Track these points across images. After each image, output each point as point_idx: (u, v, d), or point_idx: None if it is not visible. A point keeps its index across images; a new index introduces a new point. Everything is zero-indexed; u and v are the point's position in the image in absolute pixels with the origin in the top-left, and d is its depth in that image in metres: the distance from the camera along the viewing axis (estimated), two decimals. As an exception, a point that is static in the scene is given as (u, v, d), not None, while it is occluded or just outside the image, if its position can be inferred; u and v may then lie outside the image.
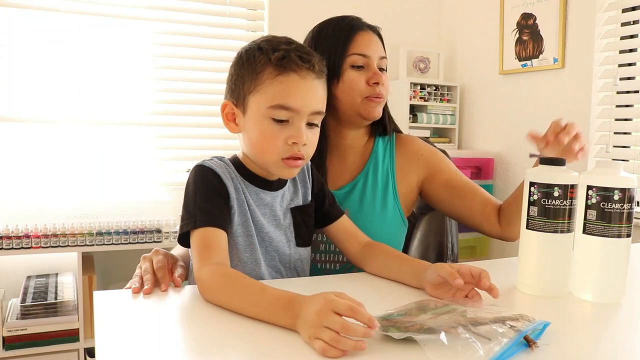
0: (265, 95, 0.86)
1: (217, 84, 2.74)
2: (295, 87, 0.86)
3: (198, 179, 0.89)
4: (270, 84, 0.86)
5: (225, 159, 0.96)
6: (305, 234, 1.01)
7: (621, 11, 2.27)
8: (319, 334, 0.61)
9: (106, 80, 2.51)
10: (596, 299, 0.85)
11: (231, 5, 2.74)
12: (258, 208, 0.94)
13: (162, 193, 2.57)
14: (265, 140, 0.87)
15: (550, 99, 2.56)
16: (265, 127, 0.87)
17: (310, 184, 1.03)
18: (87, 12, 2.45)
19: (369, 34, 1.19)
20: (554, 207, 0.84)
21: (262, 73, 0.86)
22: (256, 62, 0.87)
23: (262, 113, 0.87)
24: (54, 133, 2.45)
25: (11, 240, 2.13)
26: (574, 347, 0.69)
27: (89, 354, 2.19)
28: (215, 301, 0.77)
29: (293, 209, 0.99)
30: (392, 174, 1.22)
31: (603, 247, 0.84)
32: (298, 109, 0.86)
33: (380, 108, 1.19)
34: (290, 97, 0.85)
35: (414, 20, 3.14)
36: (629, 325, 0.79)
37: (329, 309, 0.61)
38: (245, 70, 0.89)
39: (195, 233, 0.85)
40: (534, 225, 0.86)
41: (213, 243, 0.83)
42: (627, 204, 0.82)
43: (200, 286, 0.80)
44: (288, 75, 0.86)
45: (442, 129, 3.11)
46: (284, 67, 0.85)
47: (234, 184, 0.91)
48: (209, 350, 0.65)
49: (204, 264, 0.80)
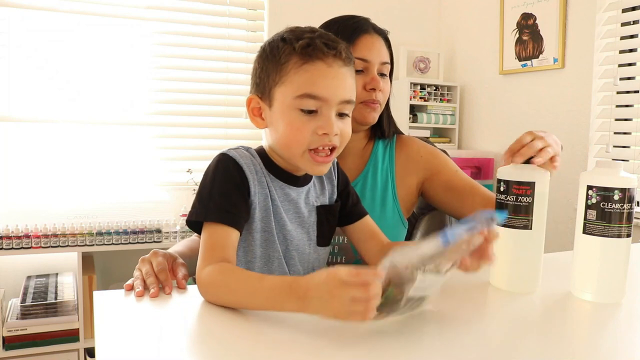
0: (291, 86, 0.82)
1: (217, 84, 2.74)
2: (322, 75, 0.82)
3: (219, 168, 0.86)
4: (296, 73, 0.82)
5: (251, 150, 0.92)
6: (327, 233, 0.98)
7: (621, 11, 2.27)
8: (348, 308, 0.62)
9: (106, 80, 2.52)
10: (596, 299, 0.85)
11: (231, 5, 2.74)
12: (282, 204, 0.91)
13: (162, 193, 2.57)
14: (292, 131, 0.83)
15: (550, 99, 2.56)
16: (292, 118, 0.83)
17: (336, 181, 1.01)
18: (87, 12, 2.46)
19: (373, 38, 1.17)
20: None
21: (287, 63, 0.83)
22: (280, 53, 0.84)
23: (288, 104, 0.83)
24: (54, 133, 2.46)
25: (11, 240, 2.13)
26: (573, 346, 0.69)
27: (89, 354, 2.19)
28: (216, 300, 0.77)
29: (319, 208, 0.96)
30: (391, 176, 1.22)
31: (603, 247, 0.83)
32: (326, 97, 0.82)
33: (376, 114, 1.19)
34: (317, 85, 0.82)
35: (414, 20, 3.14)
36: (629, 325, 0.79)
37: (340, 284, 0.62)
38: (270, 62, 0.85)
39: (205, 228, 0.83)
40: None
41: (220, 242, 0.81)
42: (627, 204, 0.82)
43: (199, 288, 0.79)
44: (314, 64, 0.82)
45: (442, 129, 3.11)
46: (309, 55, 0.82)
47: (257, 177, 0.88)
48: (209, 350, 0.65)
49: (205, 265, 0.79)
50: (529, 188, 0.86)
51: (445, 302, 0.81)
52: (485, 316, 0.81)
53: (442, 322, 0.75)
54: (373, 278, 0.61)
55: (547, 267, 1.01)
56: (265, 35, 2.81)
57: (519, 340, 0.70)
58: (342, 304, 0.62)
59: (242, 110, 2.77)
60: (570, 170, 2.45)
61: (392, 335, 0.68)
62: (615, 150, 2.31)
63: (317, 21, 1.26)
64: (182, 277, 0.87)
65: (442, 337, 0.70)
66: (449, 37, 3.19)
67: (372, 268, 0.63)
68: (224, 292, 0.76)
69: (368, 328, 0.69)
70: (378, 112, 1.19)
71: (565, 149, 2.48)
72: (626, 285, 0.86)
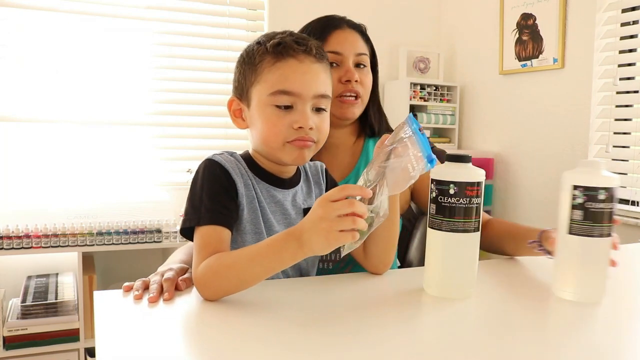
0: (266, 84, 0.86)
1: (217, 84, 2.74)
2: (294, 71, 0.86)
3: (206, 174, 0.88)
4: (269, 71, 0.86)
5: (236, 155, 0.94)
6: None
7: (621, 11, 2.27)
8: (337, 226, 0.67)
9: (106, 80, 2.52)
10: (577, 299, 0.84)
11: (231, 5, 2.74)
12: (268, 205, 0.93)
13: (162, 193, 2.57)
14: (269, 126, 0.87)
15: (550, 99, 2.56)
16: (268, 114, 0.87)
17: (325, 185, 1.03)
18: (87, 12, 2.46)
19: (346, 32, 1.18)
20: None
21: (261, 63, 0.87)
22: (255, 55, 0.88)
23: (264, 101, 0.87)
24: (54, 133, 2.46)
25: (11, 240, 2.13)
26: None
27: (89, 354, 2.19)
28: (215, 291, 0.77)
29: (306, 210, 0.97)
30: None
31: (586, 247, 0.83)
32: (299, 92, 0.85)
33: (355, 108, 1.18)
34: (289, 81, 0.85)
35: (414, 20, 3.14)
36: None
37: (327, 203, 0.68)
38: (246, 65, 0.90)
39: (197, 231, 0.84)
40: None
41: (213, 241, 0.83)
42: (610, 204, 0.81)
43: (197, 286, 0.80)
44: (286, 61, 0.86)
45: (442, 129, 3.11)
46: (281, 53, 0.86)
47: (243, 179, 0.90)
48: (209, 350, 0.65)
49: (198, 264, 0.80)
50: (480, 188, 0.83)
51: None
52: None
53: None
54: (359, 192, 0.68)
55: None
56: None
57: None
58: (331, 223, 0.67)
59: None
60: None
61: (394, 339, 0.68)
62: (615, 150, 2.30)
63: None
64: (181, 279, 0.88)
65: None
66: (449, 37, 3.19)
67: (358, 187, 0.70)
68: (222, 273, 0.77)
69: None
70: (359, 106, 1.19)
71: (565, 149, 2.48)
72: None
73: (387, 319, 0.76)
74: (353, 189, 0.69)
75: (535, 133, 2.61)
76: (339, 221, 0.67)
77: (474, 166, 0.84)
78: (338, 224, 0.67)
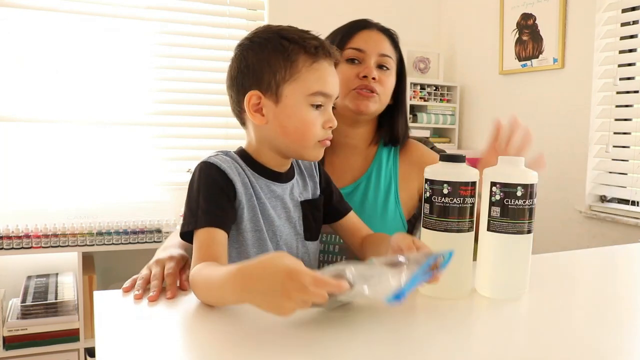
0: (304, 83, 0.87)
1: (217, 84, 2.74)
2: (329, 74, 0.89)
3: (202, 176, 0.88)
4: (307, 71, 0.87)
5: (231, 153, 0.94)
6: (314, 228, 1.01)
7: (621, 11, 2.27)
8: (294, 305, 0.61)
9: (106, 80, 2.51)
10: (495, 295, 0.84)
11: (231, 5, 2.74)
12: (269, 200, 0.93)
13: (162, 193, 2.57)
14: (306, 126, 0.89)
15: (550, 99, 2.56)
16: (305, 113, 0.88)
17: (318, 178, 1.03)
18: (87, 12, 2.46)
19: (372, 32, 1.18)
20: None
21: (296, 62, 0.87)
22: (288, 51, 0.87)
23: (301, 100, 0.88)
24: (54, 133, 2.46)
25: (11, 240, 2.13)
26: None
27: (89, 354, 2.19)
28: (201, 299, 0.78)
29: (303, 203, 0.99)
30: (394, 179, 1.22)
31: (504, 244, 0.83)
32: (331, 94, 0.90)
33: (371, 102, 1.16)
34: (326, 83, 0.88)
35: (414, 20, 3.14)
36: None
37: (299, 284, 0.60)
38: (274, 59, 0.87)
39: (196, 234, 0.85)
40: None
41: (206, 242, 0.83)
42: (529, 200, 0.81)
43: (192, 290, 0.80)
44: (321, 63, 0.88)
45: (442, 129, 3.11)
46: (318, 55, 0.88)
47: (241, 178, 0.90)
48: (209, 350, 0.65)
49: (194, 266, 0.81)
50: (474, 188, 0.83)
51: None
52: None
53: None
54: (337, 289, 0.61)
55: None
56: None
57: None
58: (295, 303, 0.61)
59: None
60: (570, 171, 2.45)
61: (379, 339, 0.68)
62: (615, 150, 2.31)
63: (316, 21, 1.26)
64: (185, 279, 0.88)
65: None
66: (449, 37, 3.19)
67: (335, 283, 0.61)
68: (198, 293, 0.78)
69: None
70: (375, 102, 1.17)
71: (565, 149, 2.48)
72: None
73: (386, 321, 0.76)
74: (334, 286, 0.61)
75: (535, 133, 2.59)
76: (301, 304, 0.61)
77: (468, 166, 0.84)
78: (296, 304, 0.61)
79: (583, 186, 2.40)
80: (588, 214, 2.37)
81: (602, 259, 1.23)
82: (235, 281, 0.66)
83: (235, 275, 0.66)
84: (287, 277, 0.60)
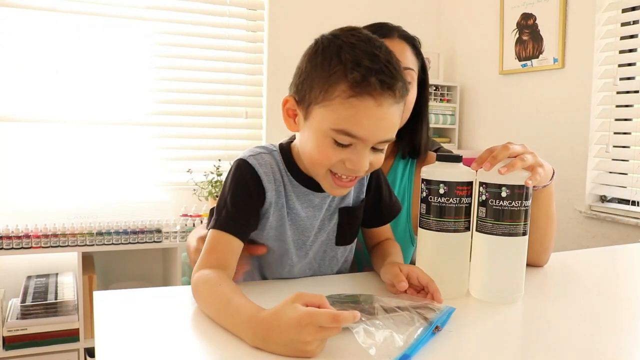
0: (332, 115, 0.75)
1: (217, 84, 2.74)
2: (368, 116, 0.74)
3: (236, 176, 0.85)
4: (341, 104, 0.74)
5: (275, 154, 0.88)
6: (349, 234, 0.96)
7: (621, 11, 2.27)
8: (311, 347, 0.61)
9: (106, 80, 2.52)
10: (488, 299, 0.83)
11: (231, 5, 2.74)
12: (305, 210, 0.89)
13: (162, 193, 2.57)
14: (319, 155, 0.79)
15: (550, 99, 2.56)
16: (323, 145, 0.78)
17: (367, 181, 0.96)
18: (87, 12, 2.46)
19: (395, 43, 1.09)
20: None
21: (334, 87, 0.75)
22: (332, 71, 0.75)
23: (324, 130, 0.77)
24: (54, 133, 2.46)
25: (11, 240, 2.13)
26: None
27: (89, 354, 2.19)
28: (203, 310, 0.77)
29: (341, 210, 0.93)
30: (408, 195, 1.17)
31: (489, 245, 0.82)
32: (365, 138, 0.76)
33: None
34: (359, 125, 0.75)
35: (414, 20, 3.14)
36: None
37: (314, 326, 0.60)
38: (317, 73, 0.78)
39: (212, 232, 0.83)
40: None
41: (219, 247, 0.82)
42: (516, 202, 0.79)
43: (192, 290, 0.80)
44: (362, 100, 0.74)
45: (442, 129, 3.11)
46: (360, 89, 0.73)
47: (276, 185, 0.86)
48: (209, 350, 0.65)
49: (198, 268, 0.80)
50: (470, 188, 0.83)
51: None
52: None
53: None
54: (352, 320, 0.61)
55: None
56: (265, 35, 2.80)
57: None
58: (315, 346, 0.61)
59: (242, 111, 2.77)
60: (570, 171, 2.45)
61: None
62: (615, 150, 2.30)
63: (316, 21, 1.25)
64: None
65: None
66: (449, 37, 3.19)
67: (326, 307, 0.63)
68: (201, 303, 0.77)
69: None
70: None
71: (565, 149, 2.48)
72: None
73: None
74: (349, 319, 0.60)
75: (535, 133, 2.61)
76: (318, 343, 0.61)
77: (465, 166, 0.84)
78: (317, 346, 0.61)
79: (583, 186, 2.40)
80: (588, 214, 2.37)
81: (602, 259, 1.23)
82: (256, 331, 0.64)
83: (255, 327, 0.64)
84: (299, 326, 0.60)
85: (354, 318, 0.61)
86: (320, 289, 0.88)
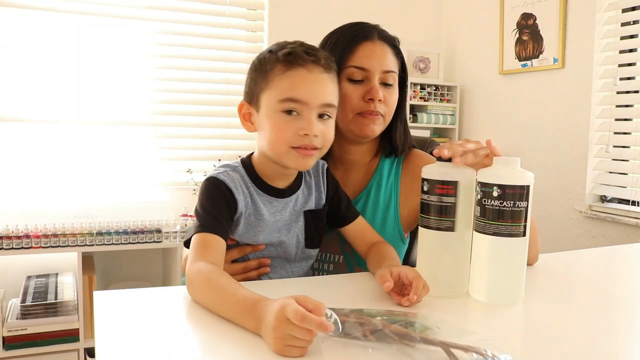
0: (276, 90, 0.89)
1: (217, 84, 2.74)
2: (303, 80, 0.89)
3: (209, 190, 0.92)
4: (280, 79, 0.89)
5: (239, 169, 0.97)
6: (316, 236, 1.03)
7: (621, 11, 2.27)
8: (287, 341, 0.62)
9: (106, 81, 2.52)
10: (488, 300, 0.83)
11: (231, 5, 2.74)
12: (272, 215, 0.96)
13: (162, 193, 2.57)
14: (275, 131, 0.90)
15: (550, 99, 2.56)
16: (276, 119, 0.89)
17: (325, 188, 1.04)
18: (87, 12, 2.46)
19: (375, 45, 1.11)
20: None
21: (272, 71, 0.90)
22: (266, 62, 0.91)
23: (273, 107, 0.89)
24: (54, 133, 2.46)
25: (11, 240, 2.13)
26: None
27: (89, 354, 2.19)
28: (197, 299, 0.79)
29: (306, 212, 1.00)
30: (395, 194, 1.17)
31: (484, 244, 0.82)
32: (306, 100, 0.88)
33: (376, 126, 1.11)
34: (298, 89, 0.88)
35: (414, 20, 3.14)
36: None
37: (284, 320, 0.62)
38: (258, 71, 0.93)
39: (194, 237, 0.88)
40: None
41: (208, 244, 0.86)
42: (509, 202, 0.79)
43: (187, 284, 0.82)
44: (296, 70, 0.89)
45: (442, 129, 3.11)
46: (291, 62, 0.89)
47: (244, 197, 0.94)
48: (209, 350, 0.65)
49: (192, 263, 0.83)
50: (452, 188, 0.82)
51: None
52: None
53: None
54: (317, 327, 0.61)
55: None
56: (265, 35, 2.80)
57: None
58: (281, 338, 0.62)
59: (242, 110, 2.77)
60: (570, 170, 2.45)
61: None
62: (615, 150, 2.31)
63: (316, 21, 1.26)
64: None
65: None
66: (449, 37, 3.19)
67: (319, 321, 0.61)
68: (202, 294, 0.79)
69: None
70: (380, 124, 1.12)
71: (565, 149, 2.48)
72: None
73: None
74: (314, 324, 0.61)
75: (535, 133, 2.61)
76: (289, 340, 0.62)
77: (464, 166, 0.84)
78: (287, 341, 0.63)
79: (583, 186, 2.40)
80: (588, 214, 2.37)
81: (602, 259, 1.23)
82: (253, 310, 0.68)
83: (256, 304, 0.68)
84: (276, 319, 0.63)
85: (325, 328, 0.61)
86: (320, 288, 0.88)
